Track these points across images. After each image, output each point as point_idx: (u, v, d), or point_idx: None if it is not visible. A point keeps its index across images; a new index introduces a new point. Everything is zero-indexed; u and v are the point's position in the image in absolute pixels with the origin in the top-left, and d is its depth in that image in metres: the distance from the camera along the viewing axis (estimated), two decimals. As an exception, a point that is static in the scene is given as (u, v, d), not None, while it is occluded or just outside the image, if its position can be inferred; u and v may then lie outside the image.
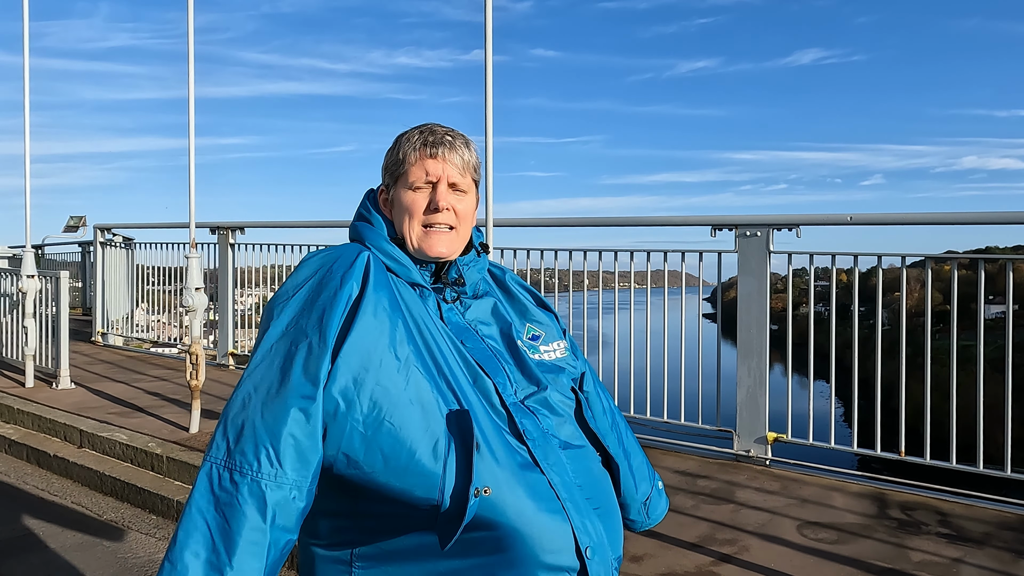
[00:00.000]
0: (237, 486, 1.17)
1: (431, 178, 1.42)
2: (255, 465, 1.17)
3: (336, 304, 1.26)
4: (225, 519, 1.15)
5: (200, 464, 1.25)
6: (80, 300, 14.67)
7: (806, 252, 4.77)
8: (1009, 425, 4.09)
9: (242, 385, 1.26)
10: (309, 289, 1.31)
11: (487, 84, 3.85)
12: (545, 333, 1.54)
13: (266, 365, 1.25)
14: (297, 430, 1.19)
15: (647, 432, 5.31)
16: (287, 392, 1.20)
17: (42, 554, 3.94)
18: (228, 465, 1.18)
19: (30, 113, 7.29)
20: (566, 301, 5.80)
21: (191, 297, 5.61)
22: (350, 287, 1.29)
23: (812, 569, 3.29)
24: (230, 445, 1.19)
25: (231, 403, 1.24)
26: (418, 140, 1.43)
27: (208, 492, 1.18)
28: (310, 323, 1.25)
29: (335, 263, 1.34)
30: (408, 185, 1.43)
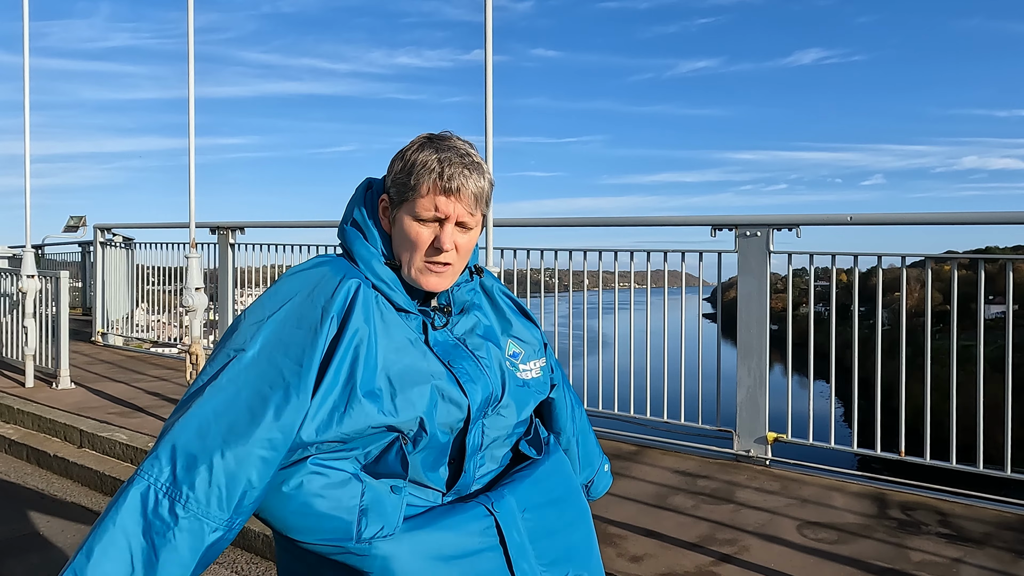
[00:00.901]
0: (177, 519, 1.11)
1: (440, 215, 1.37)
2: (202, 504, 1.12)
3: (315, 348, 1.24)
4: (153, 549, 1.09)
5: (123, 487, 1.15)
6: (80, 300, 14.67)
7: (806, 252, 4.77)
8: (1009, 425, 4.10)
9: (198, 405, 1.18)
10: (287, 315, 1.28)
11: (487, 84, 3.85)
12: (525, 351, 1.54)
13: (231, 395, 1.19)
14: (255, 477, 1.17)
15: (647, 432, 5.31)
16: (255, 437, 1.16)
17: (42, 554, 3.94)
18: (171, 494, 1.12)
19: (30, 113, 7.29)
20: (566, 301, 5.80)
21: (191, 297, 5.61)
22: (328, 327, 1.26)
23: (812, 569, 3.29)
24: (176, 472, 1.13)
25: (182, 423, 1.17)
26: (435, 172, 1.35)
27: (139, 514, 1.10)
28: (288, 365, 1.22)
29: (316, 288, 1.31)
30: (415, 215, 1.37)
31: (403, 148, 1.41)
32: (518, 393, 1.47)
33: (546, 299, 5.99)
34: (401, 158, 1.39)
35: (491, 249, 3.98)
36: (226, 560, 3.86)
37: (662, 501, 4.12)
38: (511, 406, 1.45)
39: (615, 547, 3.51)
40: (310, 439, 1.22)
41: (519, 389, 1.48)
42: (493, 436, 1.43)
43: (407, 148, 1.40)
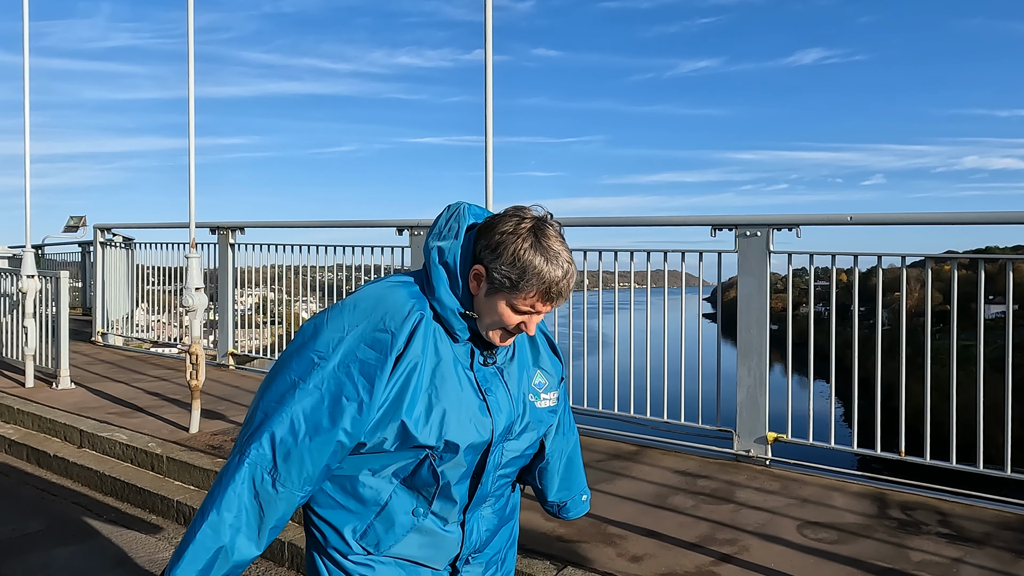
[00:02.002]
0: (277, 492, 1.49)
1: (535, 310, 1.56)
2: (295, 484, 1.51)
3: (384, 370, 1.50)
4: (261, 509, 1.50)
5: (236, 456, 1.52)
6: (80, 300, 14.67)
7: (806, 252, 4.77)
8: (1009, 425, 4.10)
9: (291, 403, 1.50)
10: (363, 333, 1.53)
11: (487, 84, 3.85)
12: (549, 382, 1.76)
13: (317, 400, 1.50)
14: (332, 462, 1.53)
15: (647, 432, 5.31)
16: (334, 433, 1.50)
17: (42, 554, 3.94)
18: (273, 474, 1.49)
19: (31, 113, 7.29)
20: (566, 301, 5.79)
21: (191, 297, 5.61)
22: (395, 351, 1.51)
23: (812, 569, 3.29)
24: (276, 460, 1.49)
25: (279, 417, 1.50)
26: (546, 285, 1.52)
27: (251, 486, 1.48)
28: (362, 383, 1.50)
29: (388, 312, 1.55)
30: (513, 306, 1.55)
31: (507, 232, 1.52)
32: (535, 421, 1.71)
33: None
34: (512, 253, 1.51)
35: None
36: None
37: (662, 501, 4.12)
38: (527, 432, 1.70)
39: (615, 547, 3.51)
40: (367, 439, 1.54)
41: (536, 417, 1.71)
42: (510, 456, 1.69)
43: (516, 240, 1.52)
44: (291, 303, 8.64)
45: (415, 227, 6.59)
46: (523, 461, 1.77)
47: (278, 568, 3.80)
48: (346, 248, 7.28)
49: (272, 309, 9.23)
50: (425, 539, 1.65)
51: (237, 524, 1.48)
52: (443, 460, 1.57)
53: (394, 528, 1.61)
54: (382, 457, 1.57)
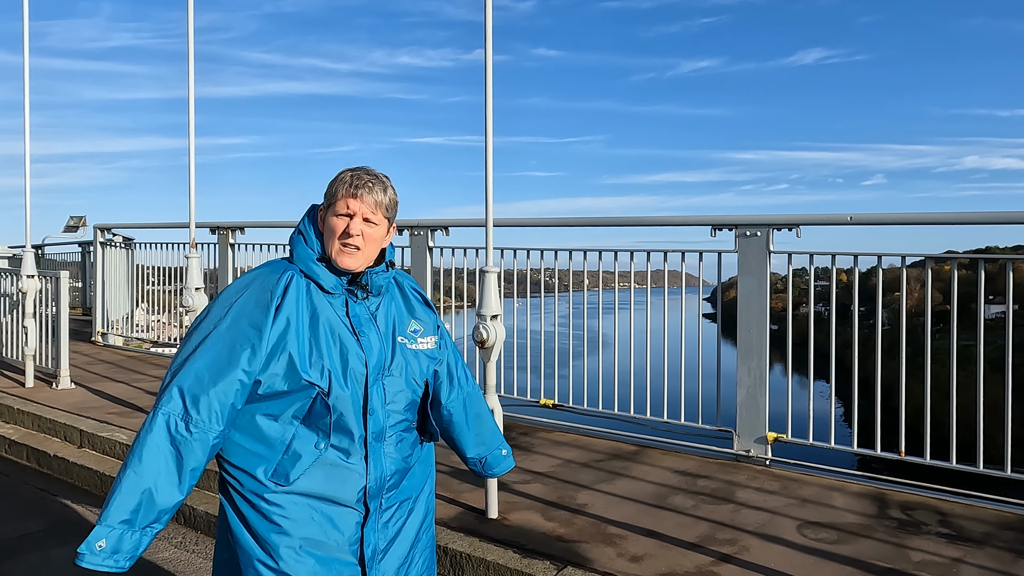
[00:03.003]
0: (192, 433, 1.73)
1: (350, 211, 1.91)
2: (205, 423, 1.74)
3: (267, 318, 1.81)
4: (179, 453, 1.72)
5: (152, 412, 1.75)
6: (80, 300, 14.67)
7: (806, 252, 4.77)
8: (1009, 425, 4.10)
9: (194, 359, 1.77)
10: (247, 298, 1.84)
11: (487, 84, 3.85)
12: (424, 328, 2.06)
13: (215, 350, 1.78)
14: (237, 400, 1.78)
15: (647, 432, 5.31)
16: (234, 376, 1.76)
17: (42, 554, 3.94)
18: (184, 419, 1.73)
19: (31, 113, 7.29)
20: (566, 301, 5.80)
21: (191, 297, 5.61)
22: (273, 303, 1.83)
23: (812, 569, 3.29)
24: (186, 405, 1.73)
25: (184, 372, 1.76)
26: (346, 182, 1.92)
27: (167, 433, 1.71)
28: (251, 331, 1.79)
29: (265, 279, 1.88)
30: (334, 213, 1.92)
31: None
32: (410, 359, 1.99)
33: (546, 299, 5.99)
34: (331, 182, 1.96)
35: (491, 249, 3.97)
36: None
37: (662, 501, 4.12)
38: (402, 369, 1.96)
39: (615, 547, 3.51)
40: (261, 376, 1.80)
41: (411, 357, 1.99)
42: (394, 392, 1.94)
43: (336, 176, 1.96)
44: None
45: (415, 227, 6.58)
46: (413, 399, 1.99)
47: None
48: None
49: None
50: (330, 471, 1.84)
51: (158, 469, 1.69)
52: (330, 394, 1.83)
53: (300, 461, 1.82)
54: (280, 402, 1.82)
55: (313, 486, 1.82)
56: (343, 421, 1.84)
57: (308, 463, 1.82)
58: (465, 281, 6.27)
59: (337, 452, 1.85)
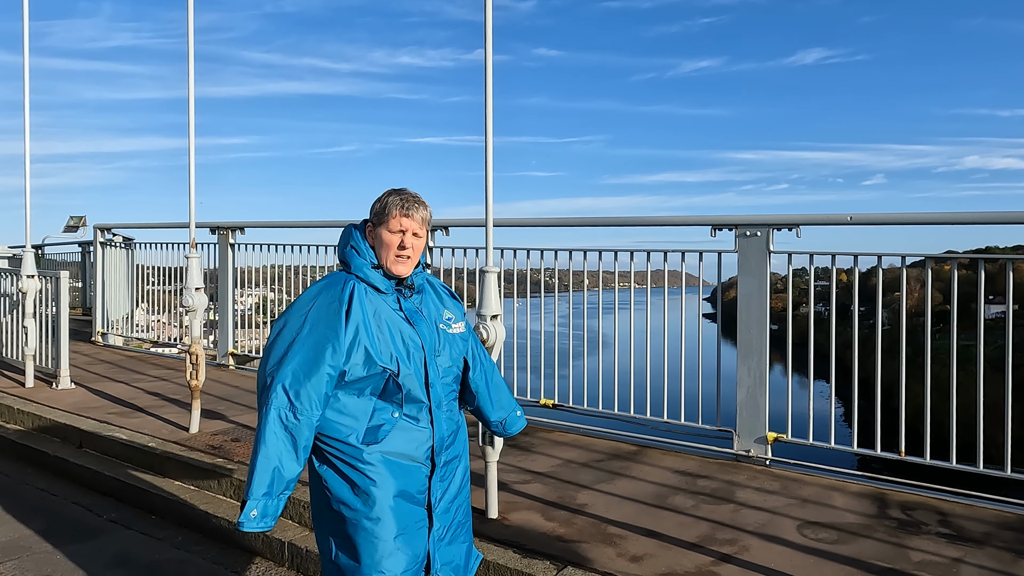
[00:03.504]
0: (299, 420, 2.17)
1: (402, 228, 2.40)
2: (308, 409, 2.18)
3: (340, 320, 2.25)
4: (292, 436, 2.16)
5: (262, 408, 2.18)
6: (80, 300, 14.67)
7: (806, 252, 4.77)
8: (1009, 425, 4.10)
9: (287, 361, 2.19)
10: (319, 305, 2.28)
11: (487, 84, 3.85)
12: (455, 316, 2.53)
13: (303, 352, 2.20)
14: (328, 388, 2.22)
15: (647, 432, 5.31)
16: (324, 369, 2.20)
17: (42, 554, 3.94)
18: (291, 409, 2.16)
19: (31, 113, 7.29)
20: (566, 301, 5.80)
21: (191, 297, 5.61)
22: (343, 308, 2.27)
23: (812, 569, 3.29)
24: (291, 398, 2.16)
25: (282, 373, 2.17)
26: (399, 204, 2.39)
27: (279, 422, 2.15)
28: (329, 333, 2.23)
29: (331, 289, 2.31)
30: (389, 229, 2.39)
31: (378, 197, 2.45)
32: (451, 341, 2.48)
33: (546, 299, 5.99)
34: (379, 201, 2.44)
35: (491, 249, 3.97)
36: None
37: (662, 501, 4.12)
38: (447, 349, 2.45)
39: (615, 547, 3.51)
40: (345, 367, 2.24)
41: (451, 339, 2.48)
42: (444, 368, 2.43)
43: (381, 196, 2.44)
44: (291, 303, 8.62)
45: (415, 227, 6.57)
46: (457, 373, 2.50)
47: (278, 568, 3.80)
48: (346, 248, 7.27)
49: (272, 309, 9.22)
50: (405, 435, 2.31)
51: (279, 451, 2.13)
52: (398, 374, 2.29)
53: (382, 428, 2.29)
54: (361, 384, 2.27)
55: (395, 447, 2.28)
56: (412, 394, 2.31)
57: (388, 429, 2.28)
58: (465, 281, 6.27)
59: (408, 419, 2.32)
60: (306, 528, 4.00)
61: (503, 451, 3.99)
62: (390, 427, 2.28)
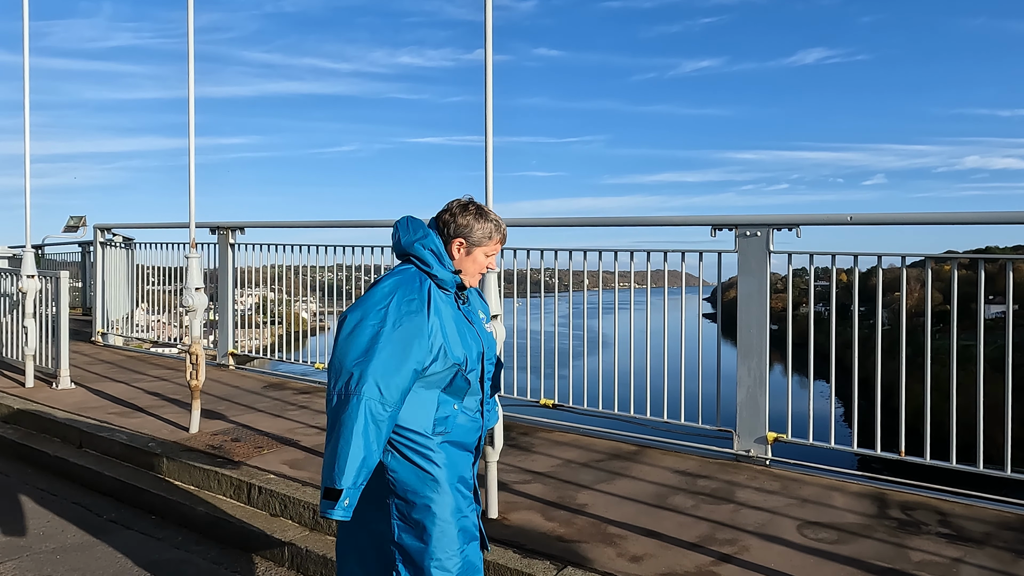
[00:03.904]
0: (387, 412, 2.25)
1: (495, 253, 2.63)
2: (394, 403, 2.26)
3: (423, 320, 2.35)
4: (378, 427, 2.23)
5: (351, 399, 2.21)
6: (80, 300, 14.66)
7: (806, 252, 4.77)
8: (1009, 425, 4.09)
9: (376, 357, 2.24)
10: (399, 300, 2.35)
11: (487, 84, 3.85)
12: (486, 317, 2.71)
13: (390, 347, 2.26)
14: (411, 384, 2.32)
15: (647, 432, 5.31)
16: (410, 364, 2.29)
17: (42, 554, 3.94)
18: (381, 402, 2.23)
19: (31, 113, 7.30)
20: (566, 301, 5.80)
21: (191, 297, 5.61)
22: (425, 305, 2.38)
23: (812, 569, 3.29)
24: (382, 392, 2.22)
25: (372, 368, 2.22)
26: (501, 232, 2.61)
27: (370, 415, 2.21)
28: (416, 328, 2.32)
29: (411, 284, 2.41)
30: (487, 253, 2.59)
31: (468, 216, 2.55)
32: (490, 339, 2.66)
33: (546, 299, 5.99)
34: (479, 221, 2.56)
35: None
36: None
37: (662, 501, 4.12)
38: (492, 346, 2.65)
39: (615, 547, 3.51)
40: (427, 363, 2.35)
41: (490, 337, 2.65)
42: (491, 364, 2.62)
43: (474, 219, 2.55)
44: (291, 303, 8.64)
45: (415, 227, 6.57)
46: (494, 369, 2.68)
47: (278, 568, 3.80)
48: (346, 248, 7.29)
49: (272, 309, 9.23)
50: (465, 426, 2.48)
51: (368, 442, 2.20)
52: (466, 369, 2.45)
53: (448, 419, 2.43)
54: (434, 378, 2.39)
55: (456, 436, 2.44)
56: (473, 388, 2.50)
57: (453, 420, 2.43)
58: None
59: (467, 411, 2.49)
60: (306, 528, 4.00)
61: (503, 451, 3.99)
62: (453, 418, 2.44)
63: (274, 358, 8.28)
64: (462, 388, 2.46)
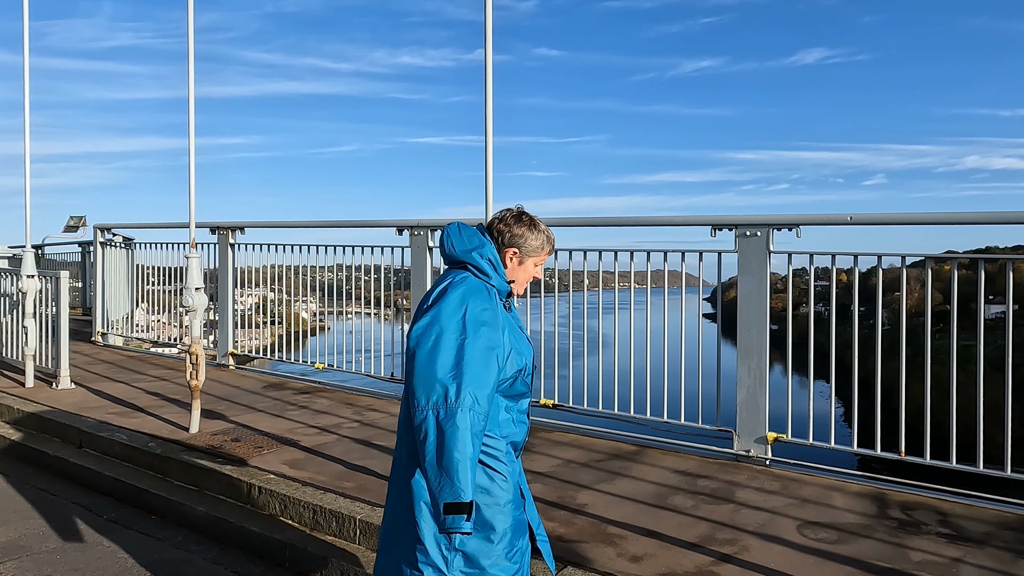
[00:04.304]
0: (483, 424, 2.26)
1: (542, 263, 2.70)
2: (485, 409, 2.26)
3: (499, 328, 2.40)
4: (479, 437, 2.24)
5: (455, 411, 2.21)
6: (80, 300, 14.66)
7: (806, 252, 4.77)
8: (1009, 425, 4.09)
9: (466, 368, 2.25)
10: (473, 308, 2.37)
11: (487, 84, 3.85)
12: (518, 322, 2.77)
13: (476, 357, 2.28)
14: (494, 392, 2.36)
15: (647, 432, 5.31)
16: (496, 373, 2.34)
17: (42, 554, 3.94)
18: (481, 411, 2.25)
19: (31, 113, 7.30)
20: (566, 301, 5.80)
21: (191, 297, 5.61)
22: (497, 313, 2.43)
23: (812, 569, 3.29)
24: (481, 402, 2.25)
25: (466, 380, 2.23)
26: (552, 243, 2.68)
27: (472, 425, 2.21)
28: (496, 338, 2.37)
29: (480, 293, 2.43)
30: (537, 263, 2.67)
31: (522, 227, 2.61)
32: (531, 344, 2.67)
33: (546, 299, 5.99)
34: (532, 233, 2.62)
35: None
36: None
37: (662, 501, 4.12)
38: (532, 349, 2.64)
39: (615, 547, 3.51)
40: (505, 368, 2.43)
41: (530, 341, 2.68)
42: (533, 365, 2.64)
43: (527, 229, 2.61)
44: (291, 303, 8.64)
45: (415, 227, 6.58)
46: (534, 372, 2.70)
47: (278, 568, 3.80)
48: (346, 248, 7.29)
49: (272, 309, 9.23)
50: (516, 426, 2.53)
51: (476, 450, 2.23)
52: (525, 372, 2.52)
53: (503, 420, 2.48)
54: (502, 385, 2.43)
55: (514, 436, 2.51)
56: (528, 391, 2.58)
57: (511, 421, 2.50)
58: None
59: (520, 412, 2.55)
60: (305, 528, 4.00)
61: (503, 451, 3.99)
62: (511, 420, 2.51)
63: (274, 358, 8.28)
64: (520, 391, 2.53)
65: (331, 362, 7.47)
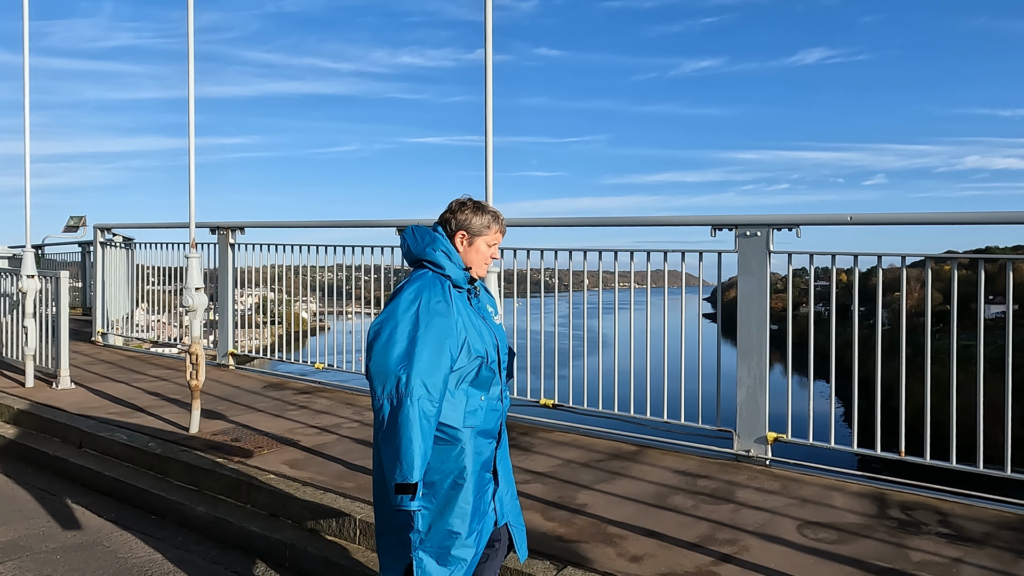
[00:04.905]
0: (435, 408, 2.40)
1: (496, 242, 2.78)
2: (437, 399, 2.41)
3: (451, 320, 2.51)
4: (430, 423, 2.39)
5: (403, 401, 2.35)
6: (80, 300, 14.66)
7: (806, 252, 4.77)
8: (1009, 425, 4.10)
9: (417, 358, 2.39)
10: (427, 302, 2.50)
11: (487, 84, 3.85)
12: (494, 310, 2.85)
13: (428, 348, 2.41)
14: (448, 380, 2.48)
15: (647, 432, 5.31)
16: (447, 362, 2.46)
17: (42, 554, 3.94)
18: (430, 400, 2.38)
19: (31, 113, 7.30)
20: (566, 301, 5.80)
21: (191, 297, 5.61)
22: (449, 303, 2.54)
23: (812, 569, 3.29)
24: (430, 391, 2.38)
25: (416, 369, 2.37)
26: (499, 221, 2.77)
27: (422, 413, 2.36)
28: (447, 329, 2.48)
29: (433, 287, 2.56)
30: (488, 243, 2.75)
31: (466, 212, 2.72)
32: (501, 331, 2.81)
33: (546, 299, 5.99)
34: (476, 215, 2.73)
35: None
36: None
37: (662, 501, 4.12)
38: (503, 337, 2.79)
39: (615, 547, 3.51)
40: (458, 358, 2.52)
41: (500, 329, 2.80)
42: (505, 354, 2.76)
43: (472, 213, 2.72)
44: (291, 303, 8.64)
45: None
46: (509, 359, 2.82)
47: (278, 568, 3.80)
48: (346, 248, 7.29)
49: (272, 309, 9.23)
50: (488, 414, 2.62)
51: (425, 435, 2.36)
52: (488, 360, 2.61)
53: (476, 410, 2.58)
54: (461, 372, 2.54)
55: (483, 425, 2.59)
56: (496, 379, 2.66)
57: (480, 410, 2.58)
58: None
59: (491, 400, 2.64)
60: (305, 528, 4.00)
61: (503, 451, 3.99)
62: (481, 409, 2.59)
63: (274, 358, 8.28)
64: (487, 379, 2.61)
65: (331, 362, 7.47)
